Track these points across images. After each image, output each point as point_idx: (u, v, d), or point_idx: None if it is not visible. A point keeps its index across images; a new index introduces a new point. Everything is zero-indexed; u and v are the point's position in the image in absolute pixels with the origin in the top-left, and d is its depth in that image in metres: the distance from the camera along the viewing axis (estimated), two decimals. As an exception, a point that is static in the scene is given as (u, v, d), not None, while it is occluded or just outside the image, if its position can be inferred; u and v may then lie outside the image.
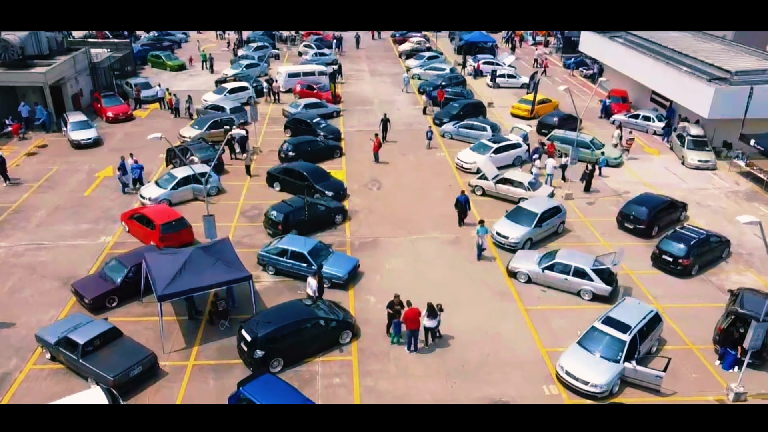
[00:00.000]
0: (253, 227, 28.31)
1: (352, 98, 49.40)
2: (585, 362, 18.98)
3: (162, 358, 19.76)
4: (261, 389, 17.02)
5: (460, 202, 28.63)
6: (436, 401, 18.49)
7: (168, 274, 20.25)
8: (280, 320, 19.83)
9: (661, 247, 25.50)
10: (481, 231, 25.72)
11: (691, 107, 38.44)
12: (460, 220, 28.73)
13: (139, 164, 31.70)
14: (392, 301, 20.80)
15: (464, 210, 28.61)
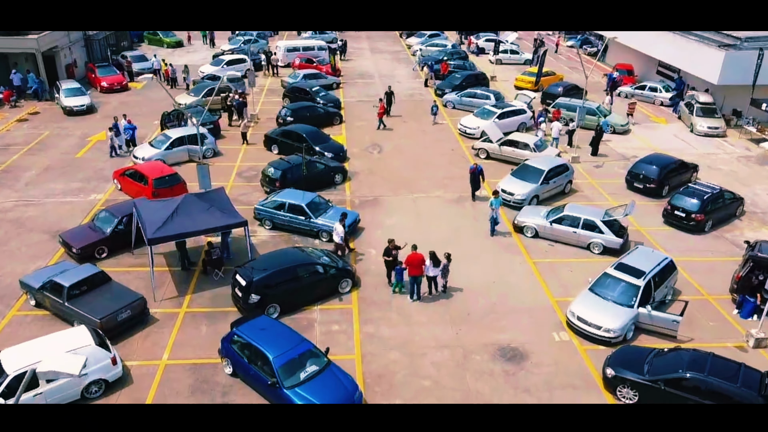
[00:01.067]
0: (250, 186, 27.36)
1: (352, 72, 48.44)
2: (597, 308, 18.02)
3: (153, 306, 18.81)
4: (256, 329, 16.08)
5: (473, 172, 26.33)
6: (441, 346, 17.53)
7: (159, 219, 19.30)
8: (276, 265, 18.87)
9: (673, 203, 24.54)
10: (495, 203, 23.29)
11: (700, 74, 37.46)
12: (473, 193, 26.49)
13: (132, 125, 30.69)
14: (387, 248, 19.82)
15: (477, 182, 26.36)
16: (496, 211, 23.39)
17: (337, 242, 21.09)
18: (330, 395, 14.69)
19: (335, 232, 21.12)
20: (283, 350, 15.29)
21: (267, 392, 15.13)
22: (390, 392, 15.82)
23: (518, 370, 16.68)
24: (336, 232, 21.08)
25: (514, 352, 17.38)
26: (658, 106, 41.19)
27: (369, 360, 16.96)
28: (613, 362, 15.98)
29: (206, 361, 16.71)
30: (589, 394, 15.93)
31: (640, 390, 15.29)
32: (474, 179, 26.21)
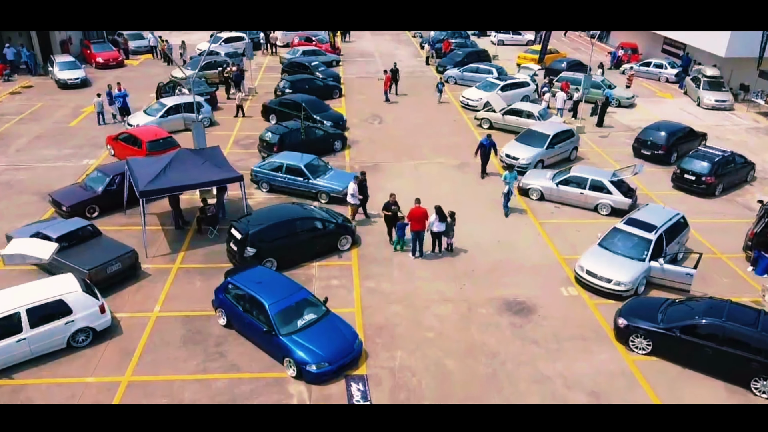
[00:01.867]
0: (247, 153, 26.63)
1: (352, 52, 47.69)
2: (607, 261, 17.30)
3: (145, 262, 18.09)
4: (251, 278, 15.35)
5: (484, 145, 24.09)
6: (444, 300, 16.81)
7: (151, 173, 18.57)
8: (273, 218, 18.17)
9: (683, 166, 23.81)
10: (509, 177, 21.27)
11: (708, 48, 36.73)
12: (483, 170, 24.54)
13: (124, 92, 29.88)
14: (388, 202, 19.12)
15: (488, 156, 24.33)
16: (511, 186, 21.35)
17: (351, 203, 20.36)
18: (328, 343, 13.97)
19: (349, 193, 20.34)
20: (280, 298, 14.56)
21: (262, 341, 14.41)
22: (391, 343, 15.09)
23: (525, 323, 15.95)
24: (350, 191, 20.30)
25: (521, 305, 16.66)
26: (664, 83, 40.44)
27: (369, 313, 16.23)
28: (625, 312, 15.26)
29: (199, 313, 15.99)
30: (600, 345, 15.20)
31: (654, 339, 14.56)
32: (484, 153, 24.30)
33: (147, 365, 14.17)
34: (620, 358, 14.78)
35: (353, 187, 20.22)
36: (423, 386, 13.72)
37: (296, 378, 13.78)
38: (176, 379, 13.77)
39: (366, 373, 14.08)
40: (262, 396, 13.33)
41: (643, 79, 40.87)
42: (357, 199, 20.31)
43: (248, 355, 14.59)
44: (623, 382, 14.00)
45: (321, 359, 13.61)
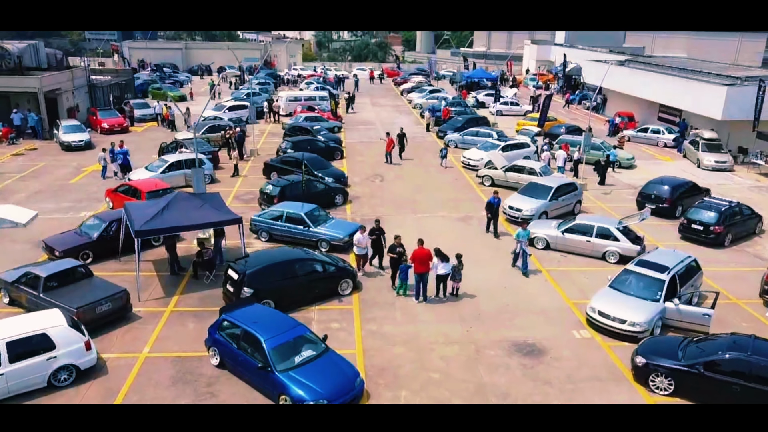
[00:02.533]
0: (247, 207, 26.29)
1: (353, 120, 48.52)
2: (620, 302, 16.56)
3: (137, 306, 17.34)
4: (247, 314, 14.61)
5: (492, 204, 23.56)
6: (450, 342, 15.94)
7: (148, 214, 18.17)
8: (271, 260, 17.61)
9: (690, 216, 23.45)
10: (522, 235, 19.88)
11: (703, 112, 37.32)
12: (490, 226, 23.70)
13: (125, 149, 29.96)
14: (392, 245, 18.59)
15: (496, 214, 23.72)
16: (524, 244, 19.99)
17: (357, 254, 19.60)
18: (327, 380, 13.06)
19: (356, 244, 19.50)
20: (276, 333, 13.78)
21: (257, 379, 13.49)
22: (395, 383, 14.14)
23: (537, 364, 15.03)
24: (357, 243, 19.45)
25: (531, 347, 15.77)
26: (662, 148, 40.80)
27: (371, 354, 15.34)
28: (643, 351, 14.39)
29: (191, 354, 15.11)
30: (618, 386, 14.23)
31: (676, 377, 13.63)
32: (493, 213, 23.57)
33: (131, 404, 13.17)
34: (641, 399, 13.77)
35: (360, 238, 19.40)
36: (429, 427, 12.66)
37: (292, 418, 12.74)
38: (163, 418, 12.73)
39: (368, 413, 13.05)
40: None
41: (641, 144, 41.26)
42: (363, 250, 19.54)
43: (241, 395, 13.62)
44: (646, 423, 12.94)
45: (320, 396, 12.65)
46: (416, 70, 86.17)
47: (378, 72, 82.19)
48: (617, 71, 49.47)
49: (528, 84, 75.41)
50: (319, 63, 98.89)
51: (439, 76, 79.05)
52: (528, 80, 75.34)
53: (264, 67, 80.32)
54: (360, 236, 19.45)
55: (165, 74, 68.37)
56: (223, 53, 79.68)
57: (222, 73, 71.71)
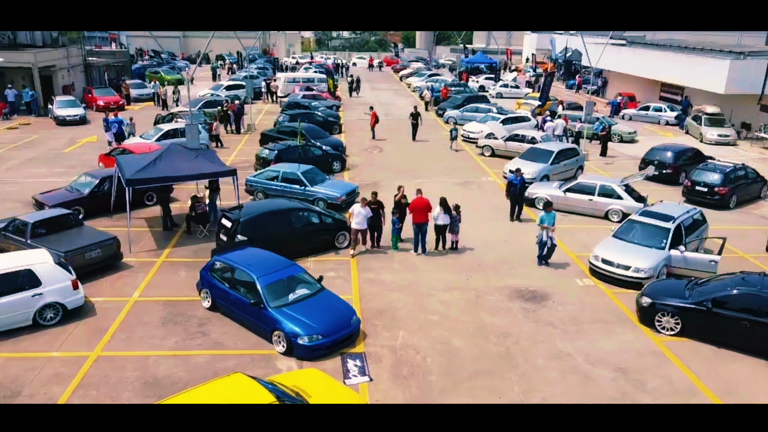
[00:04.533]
0: (243, 173, 25.65)
1: (352, 102, 48.07)
2: (624, 250, 16.11)
3: (128, 256, 16.88)
4: (239, 255, 14.17)
5: (514, 185, 19.91)
6: (450, 288, 15.48)
7: (141, 164, 17.72)
8: (266, 208, 17.15)
9: (694, 178, 23.00)
10: (547, 219, 16.56)
11: (706, 87, 36.86)
12: (514, 213, 20.30)
13: (119, 118, 29.47)
14: (397, 200, 18.09)
15: (519, 199, 20.24)
16: (549, 232, 16.55)
17: (355, 228, 17.00)
18: (322, 316, 12.61)
19: (354, 216, 16.85)
20: (270, 271, 13.33)
21: (249, 316, 13.02)
22: (393, 324, 13.69)
23: (539, 308, 14.58)
24: (355, 215, 16.84)
25: (533, 294, 15.33)
26: (664, 126, 40.37)
27: (369, 299, 14.90)
28: (648, 292, 13.95)
29: (183, 299, 14.66)
30: (622, 327, 13.79)
31: (683, 316, 13.18)
32: (514, 195, 20.13)
33: (120, 342, 12.74)
34: (647, 338, 13.34)
35: (359, 210, 16.83)
36: (428, 362, 12.24)
37: (286, 354, 12.31)
38: (151, 354, 12.31)
39: (364, 351, 12.62)
40: (248, 371, 11.79)
41: (643, 123, 40.81)
42: (363, 224, 17.03)
43: (233, 333, 13.17)
44: (652, 359, 12.52)
45: (314, 331, 12.20)
46: (416, 58, 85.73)
47: (377, 60, 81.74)
48: (618, 52, 49.08)
49: (527, 72, 75.04)
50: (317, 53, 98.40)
51: (439, 65, 78.64)
52: (528, 68, 74.90)
53: (263, 55, 79.99)
54: (360, 208, 16.87)
55: (162, 60, 67.89)
56: (221, 42, 79.08)
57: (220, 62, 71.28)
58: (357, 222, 16.92)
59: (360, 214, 16.82)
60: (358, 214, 16.83)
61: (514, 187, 20.18)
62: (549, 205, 17.44)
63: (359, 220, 16.87)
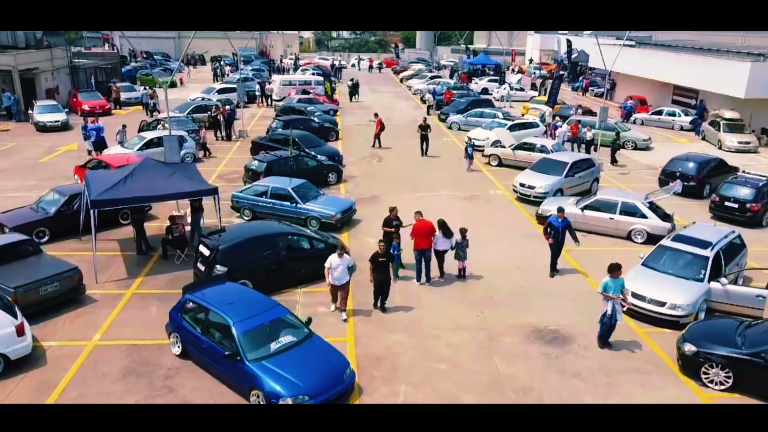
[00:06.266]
0: (231, 186, 23.75)
1: (351, 106, 46.08)
2: (657, 282, 14.12)
3: (93, 288, 14.91)
4: (215, 293, 12.18)
5: (555, 228, 15.93)
6: (458, 328, 13.49)
7: (109, 182, 15.74)
8: (250, 234, 15.16)
9: (723, 193, 21.01)
10: (613, 287, 12.46)
11: (724, 90, 34.87)
12: (555, 265, 16.35)
13: (98, 125, 27.42)
14: (389, 217, 16.06)
15: (560, 244, 16.18)
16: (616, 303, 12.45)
17: (332, 284, 13.63)
18: (310, 371, 10.61)
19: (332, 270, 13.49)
20: (248, 315, 11.34)
21: (224, 369, 11.03)
22: (393, 376, 11.70)
23: (563, 353, 12.59)
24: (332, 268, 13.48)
25: (554, 334, 13.34)
26: (678, 131, 38.36)
27: (365, 342, 12.91)
28: (691, 337, 11.97)
29: (150, 342, 12.68)
30: (662, 379, 11.80)
31: (736, 368, 11.19)
32: (556, 240, 15.97)
33: (69, 402, 10.73)
34: (692, 394, 11.36)
35: (337, 262, 13.40)
36: (435, 428, 10.25)
37: (266, 418, 10.32)
38: (105, 418, 10.30)
39: (359, 411, 10.65)
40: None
41: (656, 128, 38.82)
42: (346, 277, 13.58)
43: (206, 389, 11.19)
44: (702, 423, 10.52)
45: (299, 391, 10.21)
46: (416, 59, 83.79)
47: (377, 61, 79.80)
48: (628, 53, 47.03)
49: (532, 74, 73.02)
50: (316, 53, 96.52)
51: (440, 66, 76.69)
52: (532, 69, 72.92)
53: (260, 57, 78.06)
54: (337, 260, 13.43)
55: (156, 61, 65.96)
56: (217, 42, 77.08)
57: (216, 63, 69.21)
58: (336, 277, 13.52)
59: (339, 268, 13.45)
60: (336, 268, 13.46)
61: (555, 231, 15.99)
62: (616, 268, 12.61)
63: (339, 275, 13.47)
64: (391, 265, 14.35)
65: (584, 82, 56.74)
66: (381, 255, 13.74)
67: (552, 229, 16.04)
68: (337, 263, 13.49)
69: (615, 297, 12.40)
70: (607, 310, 12.51)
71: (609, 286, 12.51)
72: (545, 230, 16.24)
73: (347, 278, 13.67)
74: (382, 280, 13.92)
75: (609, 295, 12.39)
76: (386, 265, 13.91)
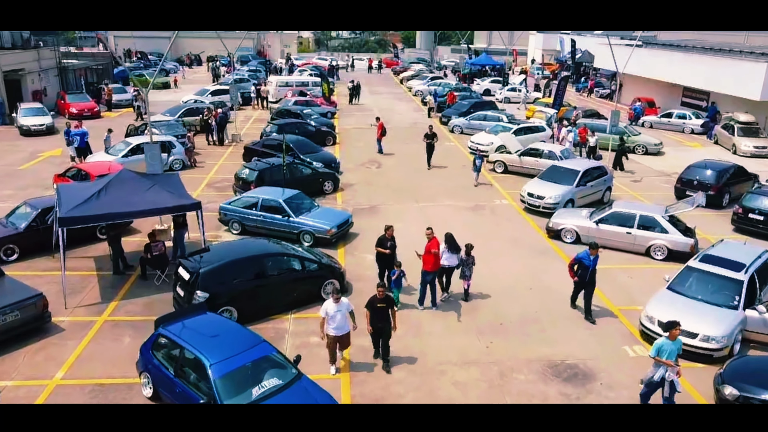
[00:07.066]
0: (221, 195, 22.40)
1: (350, 108, 44.64)
2: (686, 310, 12.71)
3: (61, 314, 13.51)
4: (191, 327, 10.75)
5: (586, 267, 13.67)
6: (466, 363, 12.09)
7: (81, 197, 14.32)
8: (234, 255, 13.75)
9: (746, 204, 19.61)
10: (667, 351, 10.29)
11: (738, 92, 33.47)
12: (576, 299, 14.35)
13: (82, 130, 25.96)
14: (383, 237, 14.57)
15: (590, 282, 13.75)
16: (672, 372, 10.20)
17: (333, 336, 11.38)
18: (297, 422, 9.17)
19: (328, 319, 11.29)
20: (228, 355, 9.92)
21: (199, 419, 9.60)
22: (392, 423, 10.27)
23: (584, 394, 11.18)
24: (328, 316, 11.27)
25: (574, 369, 11.93)
26: (689, 135, 36.94)
27: (361, 380, 11.50)
28: (731, 376, 10.57)
29: (119, 381, 11.26)
30: (698, 426, 10.38)
31: (784, 416, 9.77)
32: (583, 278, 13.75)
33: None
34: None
35: (333, 308, 11.22)
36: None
37: (246, 478, 8.92)
38: (59, 480, 8.90)
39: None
40: None
41: (665, 131, 37.41)
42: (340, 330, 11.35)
43: (178, 441, 9.76)
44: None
45: (283, 448, 8.79)
46: (416, 59, 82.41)
47: (376, 62, 78.42)
48: (635, 53, 45.60)
49: (534, 74, 71.62)
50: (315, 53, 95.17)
51: (441, 66, 75.29)
52: (534, 70, 71.50)
53: (257, 57, 76.68)
54: (333, 306, 11.25)
55: (150, 62, 64.54)
56: (213, 42, 75.74)
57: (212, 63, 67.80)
58: (336, 327, 11.31)
59: (337, 315, 11.19)
60: (333, 317, 11.21)
61: (584, 269, 13.68)
62: (674, 326, 10.31)
63: (340, 323, 11.31)
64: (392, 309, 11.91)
65: (589, 83, 55.27)
66: (380, 300, 11.56)
67: (581, 268, 13.64)
68: (335, 310, 11.23)
69: (671, 364, 10.09)
70: (657, 375, 10.24)
71: (664, 349, 10.20)
72: (571, 267, 13.87)
73: (346, 329, 11.44)
74: (381, 328, 11.65)
75: (664, 360, 10.15)
76: (386, 311, 11.60)
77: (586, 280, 13.67)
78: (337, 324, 11.26)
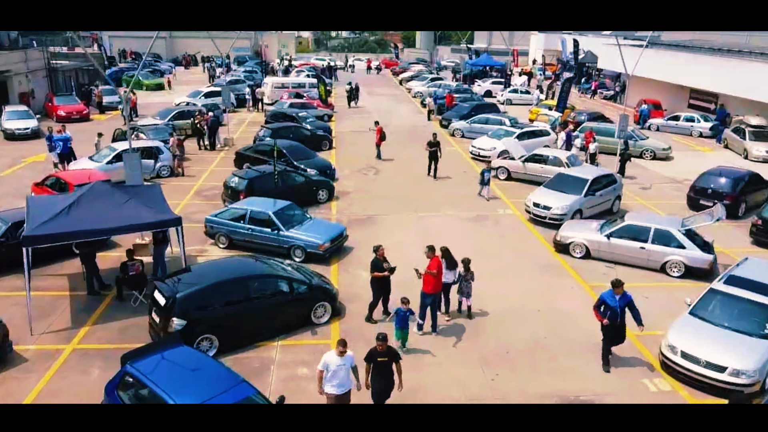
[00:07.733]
0: (209, 204, 21.23)
1: (348, 109, 43.48)
2: (711, 339, 11.56)
3: (25, 342, 12.35)
4: (161, 365, 9.58)
5: (613, 309, 11.68)
6: (469, 399, 10.92)
7: (50, 212, 13.15)
8: (215, 277, 12.58)
9: (766, 216, 18.45)
10: None
11: (748, 94, 32.32)
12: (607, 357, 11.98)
13: (65, 135, 24.77)
14: (376, 259, 13.30)
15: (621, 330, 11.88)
16: None
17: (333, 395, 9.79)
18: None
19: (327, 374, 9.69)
20: (202, 398, 8.75)
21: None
22: (387, 475, 9.13)
23: (602, 438, 10.01)
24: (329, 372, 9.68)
25: (589, 408, 10.76)
26: (697, 138, 35.78)
27: (353, 421, 10.31)
28: None
29: (82, 423, 10.07)
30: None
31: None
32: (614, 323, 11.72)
33: None
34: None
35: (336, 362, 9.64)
36: None
37: None
38: None
39: None
40: None
41: (672, 134, 36.24)
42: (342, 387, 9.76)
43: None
44: None
45: None
46: (416, 59, 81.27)
47: (376, 62, 77.27)
48: (635, 54, 44.45)
49: (536, 74, 70.45)
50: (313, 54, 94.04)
51: (441, 67, 74.13)
52: (536, 70, 70.35)
53: (255, 57, 75.52)
54: (336, 359, 9.65)
55: (146, 63, 63.23)
56: (209, 42, 74.64)
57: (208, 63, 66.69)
58: (338, 384, 9.71)
59: (340, 371, 9.63)
60: (335, 372, 9.64)
61: (613, 313, 11.71)
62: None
63: (342, 380, 9.69)
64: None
65: (592, 84, 54.09)
66: (381, 354, 9.81)
67: (608, 309, 11.79)
68: (337, 364, 9.59)
69: None
70: None
71: None
72: (597, 308, 11.93)
73: (349, 386, 9.82)
74: (382, 389, 9.88)
75: None
76: (389, 366, 9.88)
77: (617, 322, 11.71)
78: (339, 381, 9.69)
